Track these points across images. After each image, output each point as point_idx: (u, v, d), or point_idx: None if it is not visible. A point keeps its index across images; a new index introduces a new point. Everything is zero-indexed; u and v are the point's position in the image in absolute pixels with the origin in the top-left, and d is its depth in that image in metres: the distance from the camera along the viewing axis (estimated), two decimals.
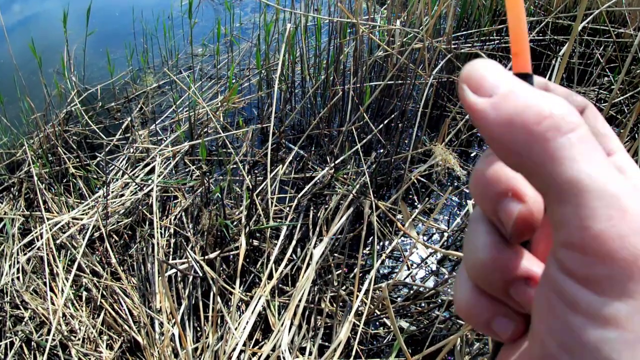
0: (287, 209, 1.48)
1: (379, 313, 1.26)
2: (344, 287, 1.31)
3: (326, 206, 1.47)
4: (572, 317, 0.14)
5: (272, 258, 1.29)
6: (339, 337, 1.11)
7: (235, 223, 1.40)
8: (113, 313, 1.29)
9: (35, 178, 1.62)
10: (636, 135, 1.66)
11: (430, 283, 1.39)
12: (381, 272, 1.45)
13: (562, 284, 0.14)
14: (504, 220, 0.17)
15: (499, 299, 0.18)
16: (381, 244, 1.51)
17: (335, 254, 1.37)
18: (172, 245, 1.43)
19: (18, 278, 1.38)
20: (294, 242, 1.36)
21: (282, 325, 1.15)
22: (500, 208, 0.17)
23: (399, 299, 1.34)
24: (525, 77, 0.19)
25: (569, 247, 0.14)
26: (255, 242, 1.39)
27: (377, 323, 1.29)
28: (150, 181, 1.58)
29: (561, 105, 0.14)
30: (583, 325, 0.13)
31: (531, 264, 0.17)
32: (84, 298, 1.34)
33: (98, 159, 1.79)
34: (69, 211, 1.56)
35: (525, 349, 0.18)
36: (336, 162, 1.57)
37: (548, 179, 0.14)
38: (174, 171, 1.72)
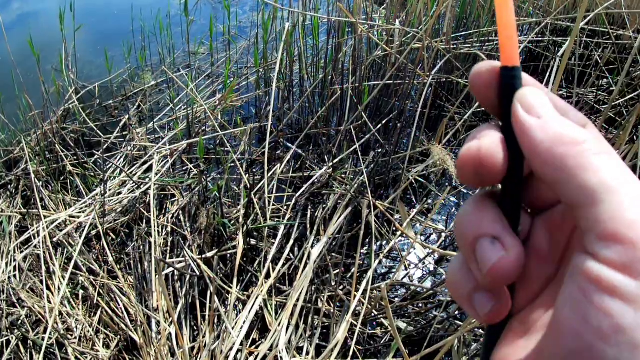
0: (285, 208, 1.48)
1: (376, 313, 1.26)
2: (341, 287, 1.31)
3: (324, 205, 1.47)
4: (611, 303, 0.15)
5: (270, 257, 1.28)
6: (336, 337, 1.11)
7: (232, 222, 1.40)
8: (110, 311, 1.28)
9: (33, 176, 1.62)
10: (635, 137, 1.67)
11: (427, 283, 1.39)
12: (379, 272, 1.45)
13: (599, 273, 0.15)
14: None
15: None
16: (379, 243, 1.51)
17: (333, 254, 1.37)
18: (169, 243, 1.42)
19: (15, 276, 1.38)
20: (291, 242, 1.36)
21: (279, 324, 1.15)
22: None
23: (396, 299, 1.34)
24: (513, 69, 0.20)
25: (606, 239, 0.16)
26: (253, 241, 1.39)
27: (375, 323, 1.28)
28: (147, 179, 1.58)
29: (589, 134, 0.18)
30: (621, 309, 0.15)
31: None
32: (80, 296, 1.33)
33: (95, 156, 1.78)
34: (66, 209, 1.56)
35: (533, 350, 0.18)
36: (334, 161, 1.56)
37: (581, 184, 0.16)
38: (171, 169, 1.72)
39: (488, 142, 0.19)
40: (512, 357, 0.19)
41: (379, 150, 1.70)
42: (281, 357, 1.09)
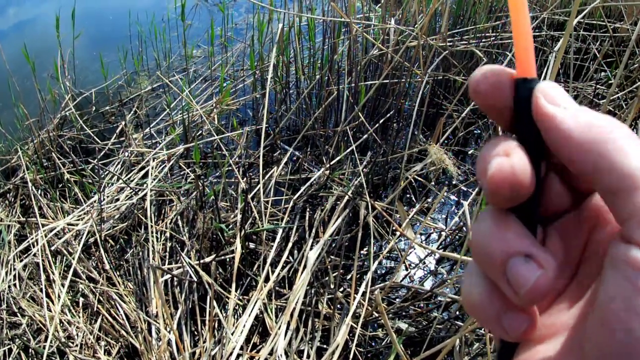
0: (283, 210, 1.47)
1: (376, 315, 1.26)
2: (341, 289, 1.31)
3: (322, 207, 1.46)
4: None
5: (269, 261, 1.28)
6: (336, 339, 1.11)
7: (230, 226, 1.40)
8: (110, 318, 1.28)
9: (30, 184, 1.62)
10: (635, 132, 1.65)
11: (428, 283, 1.38)
12: (379, 272, 1.44)
13: None
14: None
15: None
16: (378, 244, 1.50)
17: (332, 256, 1.36)
18: (167, 249, 1.42)
19: (15, 285, 1.38)
20: (290, 245, 1.36)
21: (279, 328, 1.14)
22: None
23: (397, 299, 1.33)
24: (531, 82, 0.19)
25: None
26: (252, 245, 1.39)
27: (375, 325, 1.28)
28: (145, 185, 1.58)
29: (615, 120, 0.18)
30: None
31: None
32: (80, 304, 1.33)
33: (92, 164, 1.78)
34: (64, 217, 1.56)
35: (561, 352, 0.18)
36: (332, 162, 1.56)
37: (623, 168, 0.16)
38: (169, 174, 1.71)
39: (518, 159, 0.18)
40: (535, 358, 0.18)
41: (377, 150, 1.69)
42: None
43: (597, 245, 0.20)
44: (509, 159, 0.18)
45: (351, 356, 1.13)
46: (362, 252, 1.44)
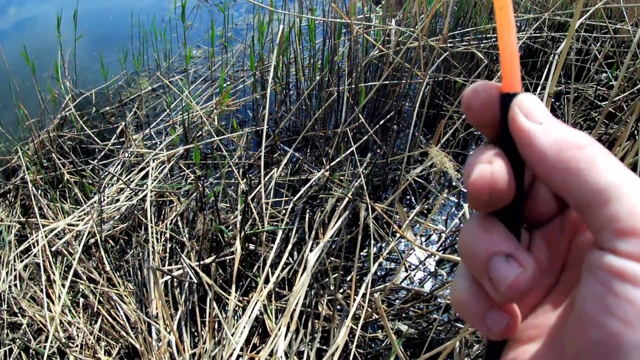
0: (283, 212, 1.47)
1: (376, 317, 1.26)
2: (341, 291, 1.31)
3: (322, 209, 1.46)
4: (634, 292, 0.16)
5: (269, 262, 1.28)
6: (336, 341, 1.11)
7: (230, 227, 1.40)
8: (110, 319, 1.28)
9: (30, 185, 1.62)
10: (635, 132, 1.65)
11: (428, 285, 1.38)
12: (379, 274, 1.44)
13: (620, 266, 0.16)
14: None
15: None
16: (378, 246, 1.50)
17: (332, 257, 1.36)
18: (168, 250, 1.42)
19: (15, 285, 1.38)
20: (290, 246, 1.36)
21: (279, 329, 1.14)
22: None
23: (397, 301, 1.33)
24: (514, 96, 0.20)
25: (624, 235, 0.16)
26: (252, 246, 1.39)
27: (375, 326, 1.28)
28: (145, 186, 1.58)
29: (588, 137, 0.19)
30: None
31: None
32: (81, 304, 1.33)
33: (92, 164, 1.78)
34: (64, 217, 1.56)
35: (544, 350, 0.19)
36: (332, 164, 1.56)
37: (592, 185, 0.17)
38: (169, 175, 1.71)
39: (499, 166, 0.19)
40: (520, 358, 0.20)
41: (377, 152, 1.69)
42: None
43: (577, 251, 0.21)
44: (490, 166, 0.19)
45: (351, 357, 1.13)
46: (362, 253, 1.44)
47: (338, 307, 1.26)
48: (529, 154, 0.19)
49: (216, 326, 1.22)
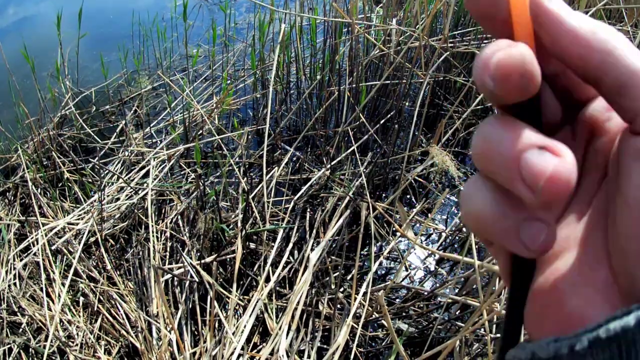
0: (284, 211, 1.47)
1: (377, 315, 1.26)
2: (341, 290, 1.31)
3: (323, 208, 1.46)
4: None
5: (269, 261, 1.28)
6: (337, 340, 1.11)
7: (231, 226, 1.40)
8: (110, 318, 1.28)
9: (30, 183, 1.61)
10: None
11: (428, 284, 1.38)
12: (379, 273, 1.44)
13: None
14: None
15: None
16: (379, 245, 1.50)
17: (333, 256, 1.36)
18: (168, 249, 1.42)
19: (15, 284, 1.38)
20: (290, 245, 1.36)
21: (280, 328, 1.14)
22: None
23: (397, 300, 1.33)
24: None
25: None
26: (252, 245, 1.39)
27: (376, 325, 1.28)
28: (145, 185, 1.58)
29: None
30: None
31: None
32: (81, 303, 1.33)
33: (92, 163, 1.78)
34: (64, 216, 1.55)
35: (581, 260, 0.18)
36: (332, 163, 1.56)
37: (629, 67, 0.16)
38: (169, 174, 1.71)
39: (524, 47, 0.17)
40: (555, 276, 0.18)
41: (378, 151, 1.69)
42: None
43: (595, 156, 0.19)
44: (516, 48, 0.16)
45: (352, 356, 1.13)
46: (362, 252, 1.44)
47: (339, 306, 1.26)
48: (559, 36, 0.17)
49: (217, 325, 1.22)
